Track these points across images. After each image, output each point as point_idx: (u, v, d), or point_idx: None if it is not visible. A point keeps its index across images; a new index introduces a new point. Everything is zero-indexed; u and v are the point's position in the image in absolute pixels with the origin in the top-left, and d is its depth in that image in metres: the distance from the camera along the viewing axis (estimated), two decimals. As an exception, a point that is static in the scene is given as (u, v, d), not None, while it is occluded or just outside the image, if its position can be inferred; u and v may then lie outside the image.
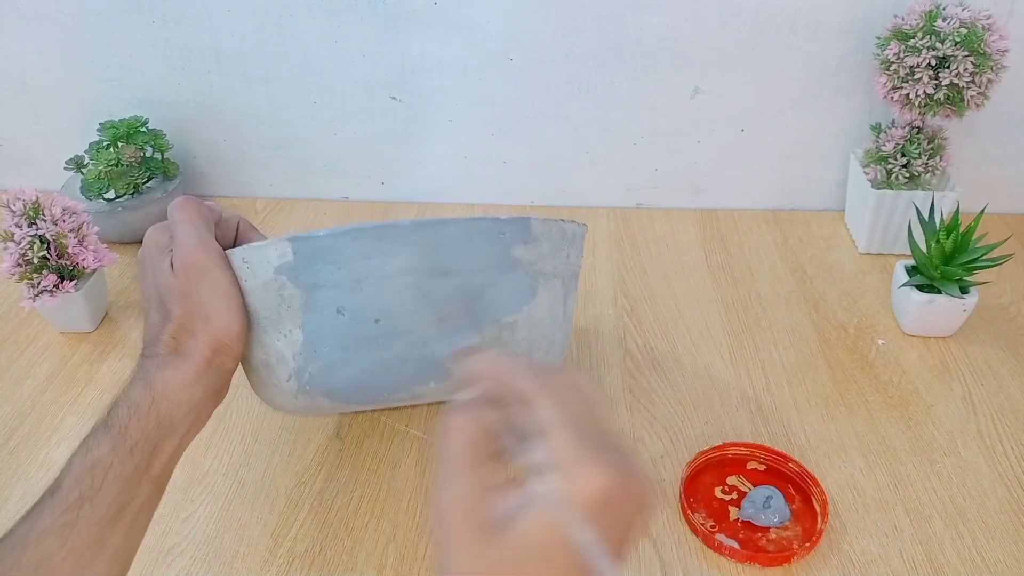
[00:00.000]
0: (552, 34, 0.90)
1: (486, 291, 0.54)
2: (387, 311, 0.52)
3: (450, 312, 0.53)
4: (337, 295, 0.52)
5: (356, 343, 0.53)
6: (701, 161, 0.99)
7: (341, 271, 0.52)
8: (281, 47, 0.93)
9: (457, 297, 0.53)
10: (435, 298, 0.53)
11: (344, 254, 0.52)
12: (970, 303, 0.76)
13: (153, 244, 0.54)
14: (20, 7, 0.92)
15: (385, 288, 0.52)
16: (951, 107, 0.82)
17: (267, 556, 0.60)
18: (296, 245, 0.52)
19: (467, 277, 0.53)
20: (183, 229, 0.53)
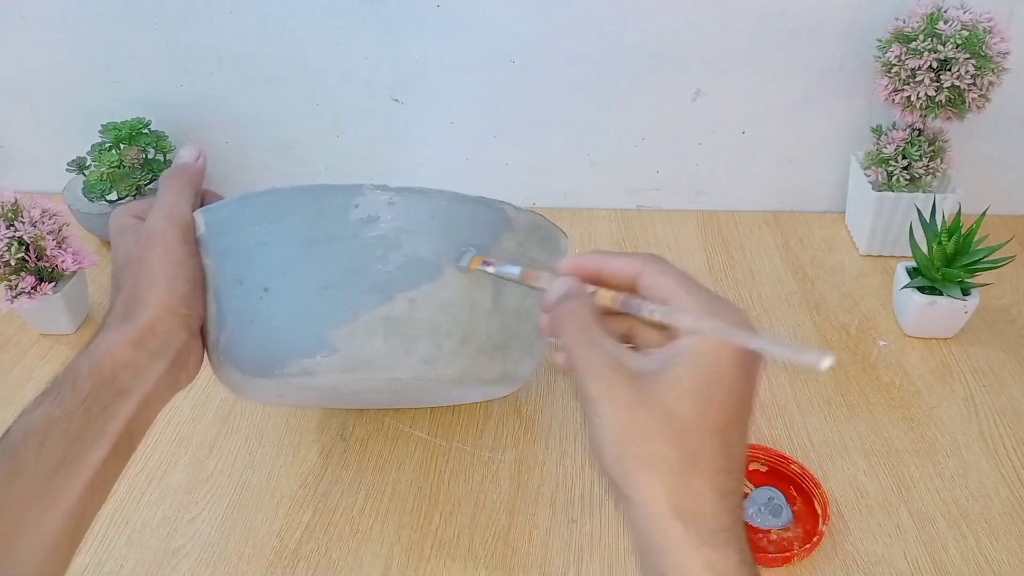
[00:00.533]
0: (554, 36, 0.91)
1: (372, 262, 0.52)
2: (274, 279, 0.52)
3: (334, 282, 0.52)
4: (235, 264, 0.53)
5: (251, 312, 0.53)
6: (702, 163, 0.99)
7: (237, 240, 0.53)
8: (283, 49, 0.93)
9: (340, 267, 0.52)
10: (319, 267, 0.52)
11: (238, 222, 0.53)
12: (971, 305, 0.77)
13: (116, 226, 0.54)
14: (22, 9, 0.92)
15: (273, 255, 0.52)
16: (952, 109, 0.82)
17: (272, 558, 0.60)
18: (205, 215, 0.54)
19: (352, 245, 0.52)
20: (161, 200, 0.54)
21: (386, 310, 0.51)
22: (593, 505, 0.64)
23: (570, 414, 0.72)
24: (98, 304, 0.86)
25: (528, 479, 0.66)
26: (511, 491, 0.65)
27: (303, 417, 0.72)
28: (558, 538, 0.62)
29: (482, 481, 0.66)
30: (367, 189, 0.51)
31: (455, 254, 0.53)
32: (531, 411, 0.73)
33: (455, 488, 0.66)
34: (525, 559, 0.60)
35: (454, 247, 0.53)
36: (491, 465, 0.68)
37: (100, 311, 0.85)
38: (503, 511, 0.64)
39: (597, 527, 0.62)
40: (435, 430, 0.71)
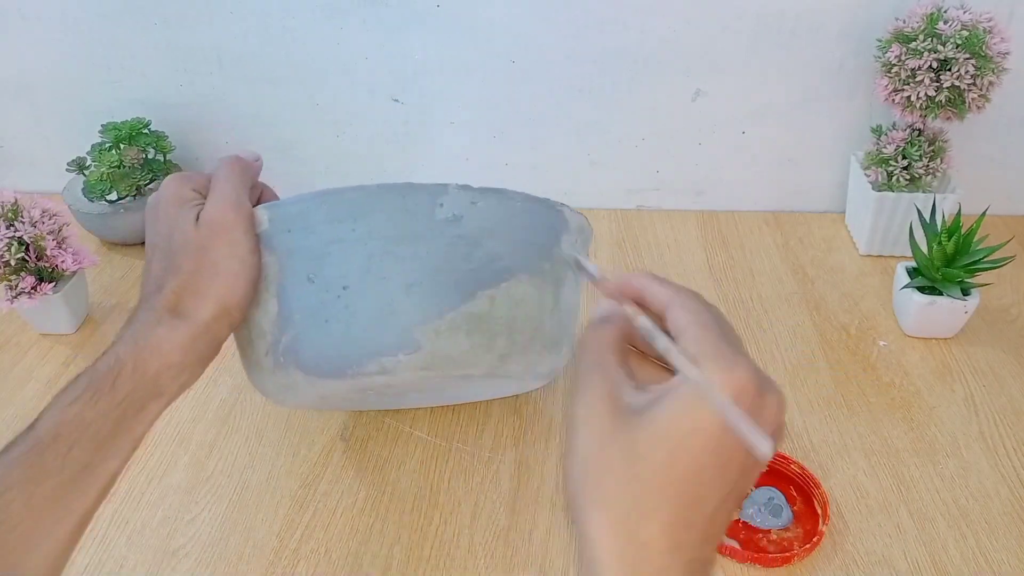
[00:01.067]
0: (554, 36, 0.91)
1: (456, 260, 0.52)
2: (354, 278, 0.51)
3: (418, 279, 0.51)
4: (307, 262, 0.52)
5: (326, 311, 0.52)
6: (702, 163, 0.99)
7: (311, 237, 0.52)
8: (283, 49, 0.93)
9: (425, 265, 0.52)
10: (404, 265, 0.51)
11: (312, 219, 0.52)
12: (971, 305, 0.77)
13: (172, 195, 0.51)
14: (22, 9, 0.92)
15: (352, 254, 0.51)
16: (952, 109, 0.82)
17: (272, 558, 0.60)
18: (271, 212, 0.52)
19: (437, 244, 0.52)
20: (223, 187, 0.51)
21: (470, 307, 0.52)
22: (593, 505, 0.64)
23: (570, 414, 0.72)
24: (98, 304, 0.86)
25: (528, 479, 0.66)
26: (511, 491, 0.65)
27: (303, 417, 0.72)
28: (558, 538, 0.62)
29: (482, 481, 0.66)
30: (452, 189, 0.51)
31: (524, 253, 0.54)
32: (531, 411, 0.73)
33: (455, 488, 0.66)
34: (525, 559, 0.60)
35: (524, 246, 0.54)
36: (491, 465, 0.68)
37: (100, 311, 0.85)
38: (503, 511, 0.64)
39: (597, 527, 0.62)
40: (435, 430, 0.71)
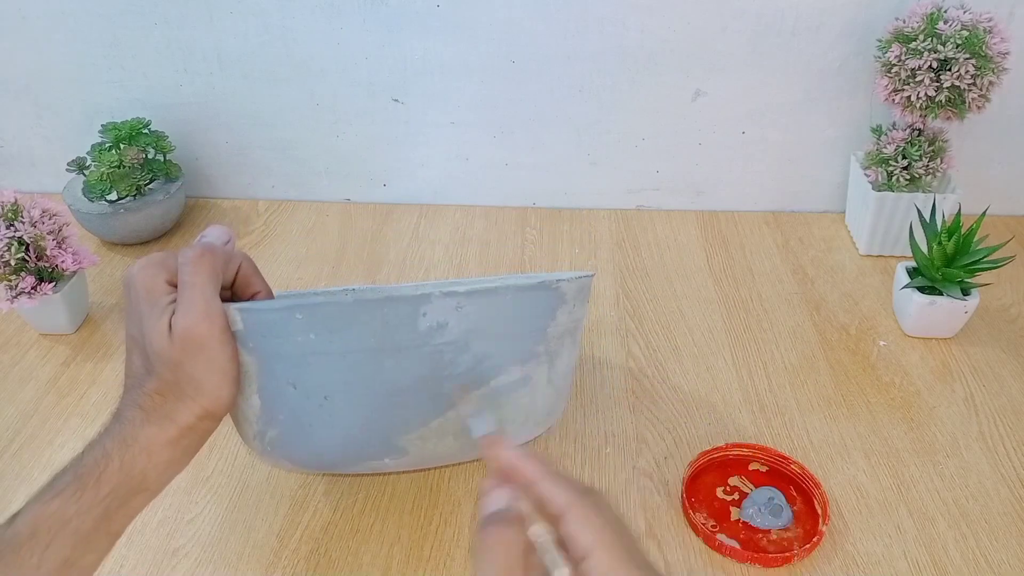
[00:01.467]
0: (554, 36, 0.91)
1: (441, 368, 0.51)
2: (335, 388, 0.50)
3: (401, 390, 0.51)
4: (287, 369, 0.50)
5: (308, 417, 0.51)
6: (702, 163, 0.99)
7: (288, 345, 0.50)
8: (283, 49, 0.93)
9: (409, 375, 0.50)
10: (386, 376, 0.50)
11: (288, 329, 0.49)
12: (971, 305, 0.77)
13: (144, 289, 0.48)
14: (22, 9, 0.92)
15: (332, 365, 0.50)
16: (952, 109, 0.82)
17: (272, 558, 0.60)
18: (244, 315, 0.49)
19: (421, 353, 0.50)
20: (189, 293, 0.48)
21: (457, 411, 0.51)
22: (593, 505, 0.64)
23: (570, 414, 0.72)
24: (98, 304, 0.86)
25: (528, 479, 0.66)
26: (511, 491, 0.65)
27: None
28: (558, 538, 0.62)
29: (482, 481, 0.66)
30: (435, 297, 0.49)
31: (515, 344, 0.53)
32: (531, 411, 0.73)
33: (455, 488, 0.66)
34: (525, 559, 0.60)
35: (515, 338, 0.53)
36: (491, 465, 0.68)
37: (100, 311, 0.85)
38: None
39: (597, 527, 0.62)
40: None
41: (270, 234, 0.98)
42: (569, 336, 0.57)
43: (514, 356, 0.53)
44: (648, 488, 0.65)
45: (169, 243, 0.96)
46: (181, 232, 0.98)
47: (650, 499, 0.64)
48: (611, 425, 0.71)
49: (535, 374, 0.55)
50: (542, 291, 0.53)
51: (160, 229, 0.95)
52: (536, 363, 0.55)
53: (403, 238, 0.97)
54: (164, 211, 0.94)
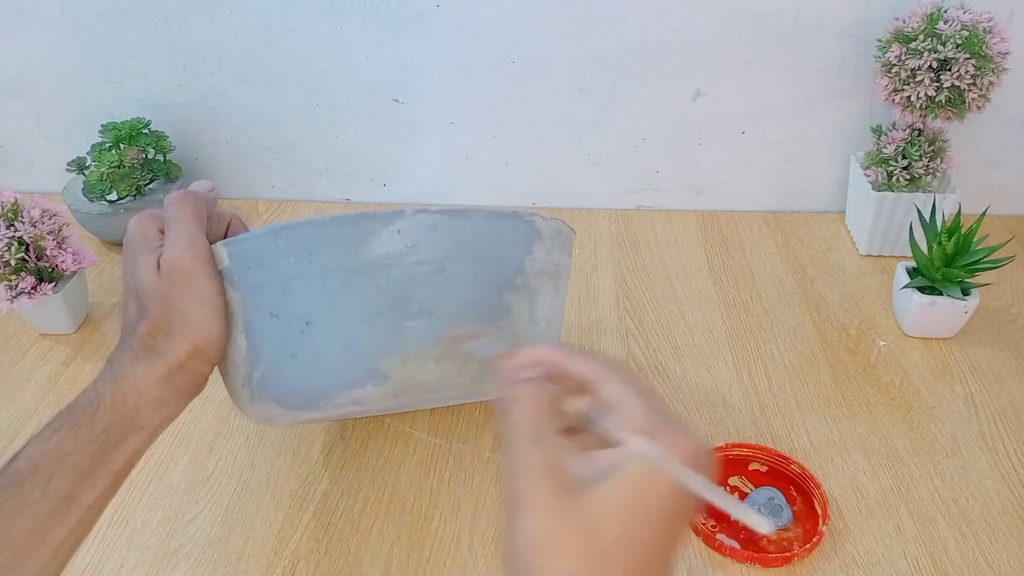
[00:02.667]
0: (554, 36, 0.91)
1: (417, 287, 0.51)
2: (316, 313, 0.51)
3: (380, 310, 0.50)
4: (269, 298, 0.51)
5: (292, 346, 0.51)
6: (702, 163, 0.99)
7: (270, 273, 0.51)
8: (283, 49, 0.93)
9: (386, 294, 0.50)
10: (364, 296, 0.50)
11: (269, 255, 0.50)
12: (971, 305, 0.77)
13: (138, 234, 0.51)
14: (22, 9, 0.92)
15: (312, 288, 0.50)
16: (952, 109, 0.82)
17: (272, 558, 0.60)
18: (230, 249, 0.51)
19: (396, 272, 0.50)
20: (175, 228, 0.50)
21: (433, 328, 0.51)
22: (593, 505, 0.64)
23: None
24: (98, 304, 0.86)
25: (528, 479, 0.66)
26: (511, 491, 0.65)
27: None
28: (558, 538, 0.62)
29: (482, 481, 0.66)
30: (408, 213, 0.50)
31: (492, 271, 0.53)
32: (531, 411, 0.73)
33: (455, 488, 0.66)
34: (525, 559, 0.60)
35: (492, 263, 0.53)
36: (491, 465, 0.68)
37: (100, 311, 0.85)
38: (503, 511, 0.64)
39: (597, 527, 0.62)
40: (435, 430, 0.71)
41: (270, 234, 0.98)
42: (549, 278, 0.57)
43: (490, 281, 0.53)
44: (648, 488, 0.65)
45: (169, 243, 0.96)
46: (181, 232, 0.98)
47: (650, 499, 0.64)
48: (611, 425, 0.71)
49: (516, 307, 0.54)
50: (515, 220, 0.54)
51: (160, 229, 0.95)
52: (515, 295, 0.54)
53: (403, 238, 0.97)
54: (164, 211, 0.94)
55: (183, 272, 0.49)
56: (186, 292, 0.49)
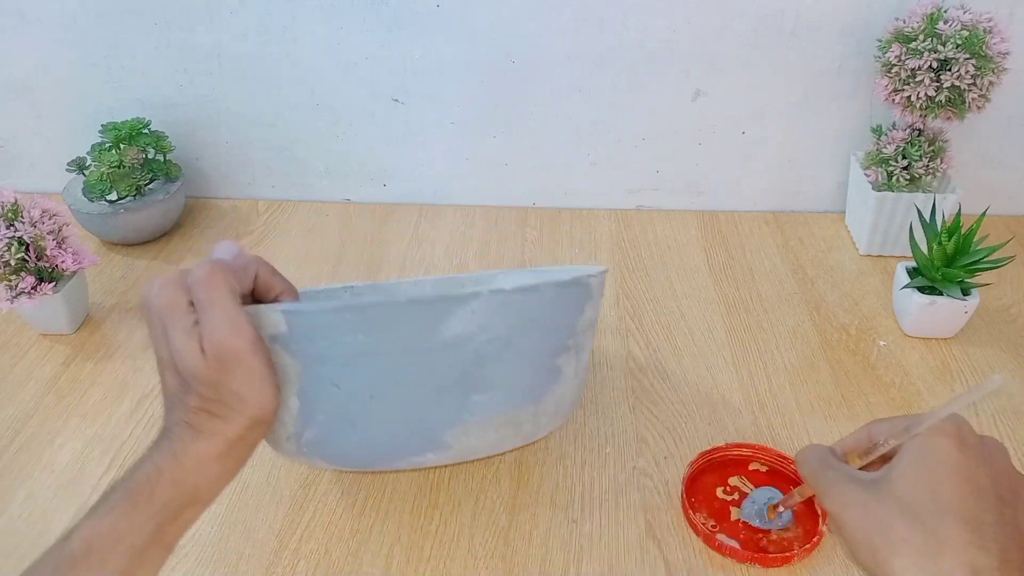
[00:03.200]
0: (554, 36, 0.91)
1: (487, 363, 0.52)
2: (382, 387, 0.51)
3: (448, 385, 0.51)
4: (331, 370, 0.50)
5: (352, 416, 0.51)
6: (702, 163, 0.99)
7: (334, 347, 0.49)
8: (283, 49, 0.93)
9: (455, 370, 0.51)
10: (434, 372, 0.51)
11: (336, 330, 0.49)
12: (971, 305, 0.77)
13: (166, 307, 0.46)
14: (22, 9, 0.92)
15: (380, 365, 0.50)
16: (952, 109, 0.82)
17: (272, 558, 0.60)
18: (289, 318, 0.48)
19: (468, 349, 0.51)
20: (212, 313, 0.46)
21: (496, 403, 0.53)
22: (593, 505, 0.64)
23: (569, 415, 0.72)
24: (98, 304, 0.86)
25: (528, 479, 0.66)
26: (511, 491, 0.65)
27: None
28: (558, 538, 0.62)
29: (482, 481, 0.66)
30: (484, 294, 0.49)
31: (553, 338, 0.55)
32: (531, 411, 0.73)
33: (455, 488, 0.66)
34: (525, 559, 0.60)
35: (553, 332, 0.55)
36: (491, 465, 0.68)
37: (100, 311, 0.85)
38: (503, 511, 0.64)
39: (597, 527, 0.62)
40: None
41: (270, 234, 0.98)
42: (591, 328, 0.59)
43: (551, 350, 0.55)
44: (648, 488, 0.65)
45: (169, 243, 0.96)
46: (181, 232, 0.98)
47: (650, 499, 0.64)
48: (611, 425, 0.71)
49: (566, 367, 0.56)
50: (576, 287, 0.55)
51: (160, 229, 0.95)
52: (567, 356, 0.56)
53: (403, 238, 0.97)
54: (164, 211, 0.94)
55: (232, 357, 0.46)
56: (238, 375, 0.46)
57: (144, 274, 0.90)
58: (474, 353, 0.51)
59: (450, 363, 0.51)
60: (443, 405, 0.52)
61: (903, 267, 0.80)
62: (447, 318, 0.49)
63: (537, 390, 0.55)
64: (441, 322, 0.49)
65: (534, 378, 0.55)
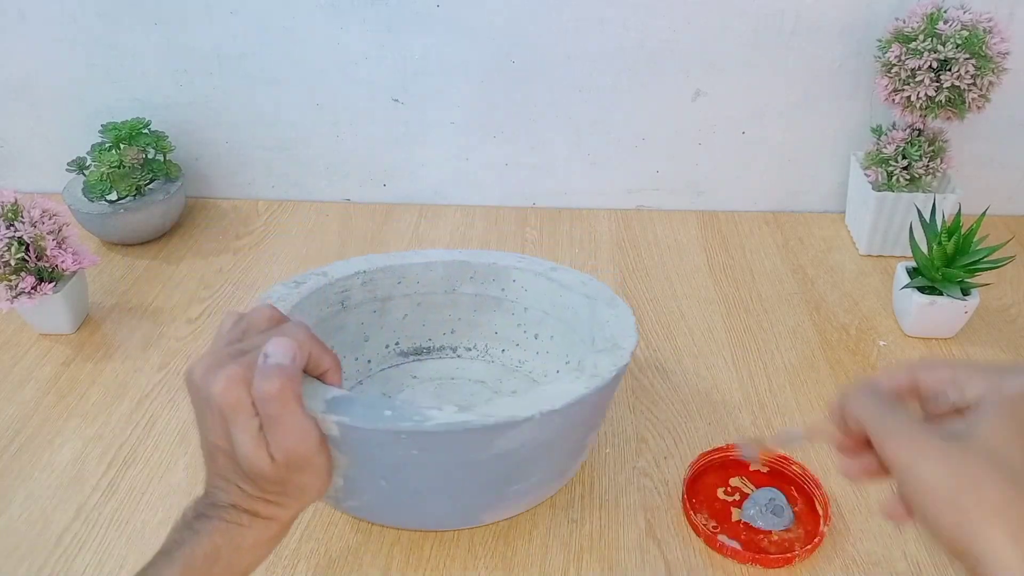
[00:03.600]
0: (554, 36, 0.91)
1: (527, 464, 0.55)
2: (428, 485, 0.54)
3: (494, 480, 0.55)
4: (382, 469, 0.52)
5: (396, 502, 0.55)
6: (702, 163, 0.99)
7: (386, 455, 0.51)
8: (283, 49, 0.93)
9: (503, 472, 0.55)
10: (482, 473, 0.54)
11: (389, 445, 0.50)
12: (971, 305, 0.77)
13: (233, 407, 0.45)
14: (22, 9, 0.92)
15: (430, 472, 0.53)
16: (952, 109, 0.82)
17: (272, 558, 0.60)
18: (343, 430, 0.49)
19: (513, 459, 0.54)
20: (283, 423, 0.46)
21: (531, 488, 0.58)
22: (593, 505, 0.64)
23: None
24: (98, 304, 0.86)
25: (528, 479, 0.66)
26: (511, 491, 0.65)
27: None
28: (558, 538, 0.62)
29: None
30: (537, 418, 0.51)
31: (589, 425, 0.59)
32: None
33: (455, 488, 0.66)
34: (525, 559, 0.60)
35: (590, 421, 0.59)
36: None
37: (100, 311, 0.85)
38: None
39: (597, 527, 0.62)
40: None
41: (270, 234, 0.98)
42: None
43: (584, 434, 0.59)
44: (648, 488, 0.65)
45: (169, 243, 0.96)
46: (181, 232, 0.98)
47: (650, 499, 0.64)
48: (611, 425, 0.71)
49: (592, 440, 0.62)
50: (614, 383, 0.57)
51: (160, 229, 0.95)
52: (595, 433, 0.62)
53: (403, 238, 0.97)
54: (164, 211, 0.94)
55: (300, 462, 0.47)
56: (304, 474, 0.48)
57: (144, 274, 0.90)
58: (520, 458, 0.54)
59: (496, 468, 0.54)
60: (483, 496, 0.56)
61: (903, 267, 0.80)
62: (499, 438, 0.51)
63: (567, 467, 0.61)
64: (493, 442, 0.51)
65: (567, 460, 0.60)
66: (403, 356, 0.74)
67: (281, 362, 0.46)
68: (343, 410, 0.49)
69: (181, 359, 0.79)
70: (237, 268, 0.92)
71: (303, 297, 0.64)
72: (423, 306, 0.73)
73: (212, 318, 0.84)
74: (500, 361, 0.74)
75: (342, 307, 0.69)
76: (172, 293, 0.88)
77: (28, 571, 0.59)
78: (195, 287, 0.89)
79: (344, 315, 0.70)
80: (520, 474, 0.55)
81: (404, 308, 0.73)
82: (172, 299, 0.87)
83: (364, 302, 0.71)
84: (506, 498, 0.57)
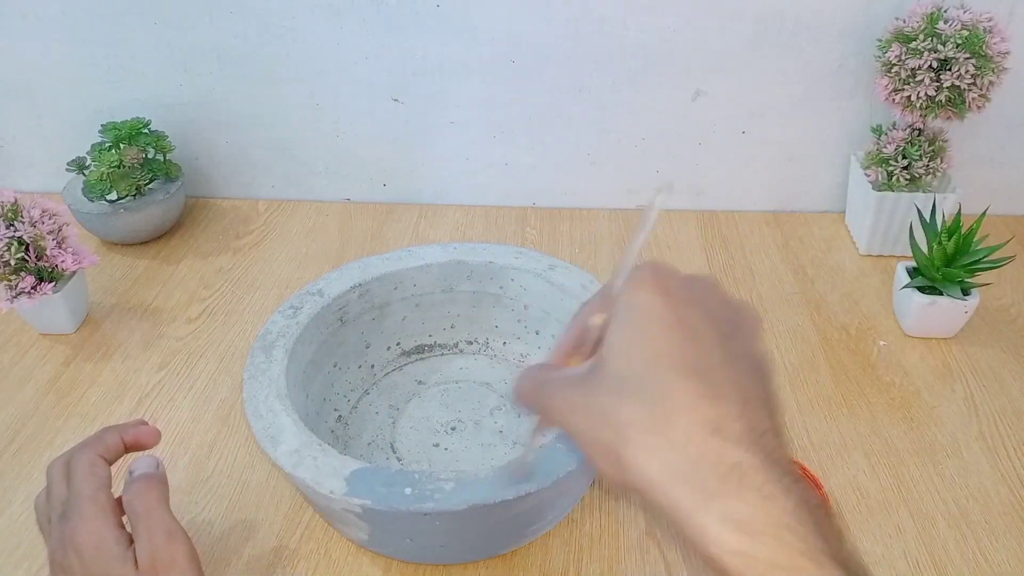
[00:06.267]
0: (554, 36, 0.91)
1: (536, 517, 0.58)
2: (449, 542, 0.57)
3: (498, 531, 0.57)
4: (405, 529, 0.55)
5: (421, 551, 0.58)
6: (702, 163, 0.99)
7: (410, 527, 0.54)
8: (283, 49, 0.93)
9: (509, 529, 0.57)
10: (500, 527, 0.56)
11: (413, 520, 0.53)
12: (971, 305, 0.77)
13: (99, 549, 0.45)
14: (22, 8, 0.92)
15: (451, 531, 0.55)
16: (952, 109, 0.82)
17: (272, 558, 0.60)
18: (368, 514, 0.53)
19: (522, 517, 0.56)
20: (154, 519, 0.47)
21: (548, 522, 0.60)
22: (593, 505, 0.64)
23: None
24: (98, 304, 0.86)
25: (528, 479, 0.66)
26: (511, 491, 0.65)
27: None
28: (558, 538, 0.62)
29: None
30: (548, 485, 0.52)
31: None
32: (531, 411, 0.73)
33: (455, 488, 0.66)
34: (525, 559, 0.60)
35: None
36: (491, 465, 0.68)
37: (100, 311, 0.85)
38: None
39: (597, 527, 0.62)
40: (435, 430, 0.71)
41: (270, 234, 0.98)
42: None
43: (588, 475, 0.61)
44: (648, 488, 0.65)
45: (169, 243, 0.96)
46: (181, 232, 0.98)
47: (650, 499, 0.64)
48: (611, 425, 0.71)
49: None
50: None
51: (160, 229, 0.95)
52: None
53: (403, 238, 0.97)
54: (164, 211, 0.94)
55: (168, 562, 0.46)
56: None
57: (144, 274, 0.90)
58: (535, 509, 0.56)
59: (514, 521, 0.56)
60: (504, 539, 0.59)
61: (903, 267, 0.80)
62: (517, 506, 0.53)
63: (579, 492, 0.62)
64: (511, 509, 0.53)
65: (578, 488, 0.61)
66: (406, 356, 0.74)
67: (145, 471, 0.49)
68: (364, 492, 0.51)
69: (181, 359, 0.79)
70: (237, 268, 0.92)
71: (303, 328, 0.65)
72: (421, 306, 0.73)
73: (212, 318, 0.84)
74: (502, 356, 0.74)
75: (341, 323, 0.69)
76: (172, 293, 0.88)
77: (28, 571, 0.59)
78: (195, 287, 0.89)
79: (344, 330, 0.70)
80: (539, 516, 0.58)
81: (403, 311, 0.73)
82: (172, 299, 0.87)
83: (362, 312, 0.71)
84: (525, 536, 0.60)
